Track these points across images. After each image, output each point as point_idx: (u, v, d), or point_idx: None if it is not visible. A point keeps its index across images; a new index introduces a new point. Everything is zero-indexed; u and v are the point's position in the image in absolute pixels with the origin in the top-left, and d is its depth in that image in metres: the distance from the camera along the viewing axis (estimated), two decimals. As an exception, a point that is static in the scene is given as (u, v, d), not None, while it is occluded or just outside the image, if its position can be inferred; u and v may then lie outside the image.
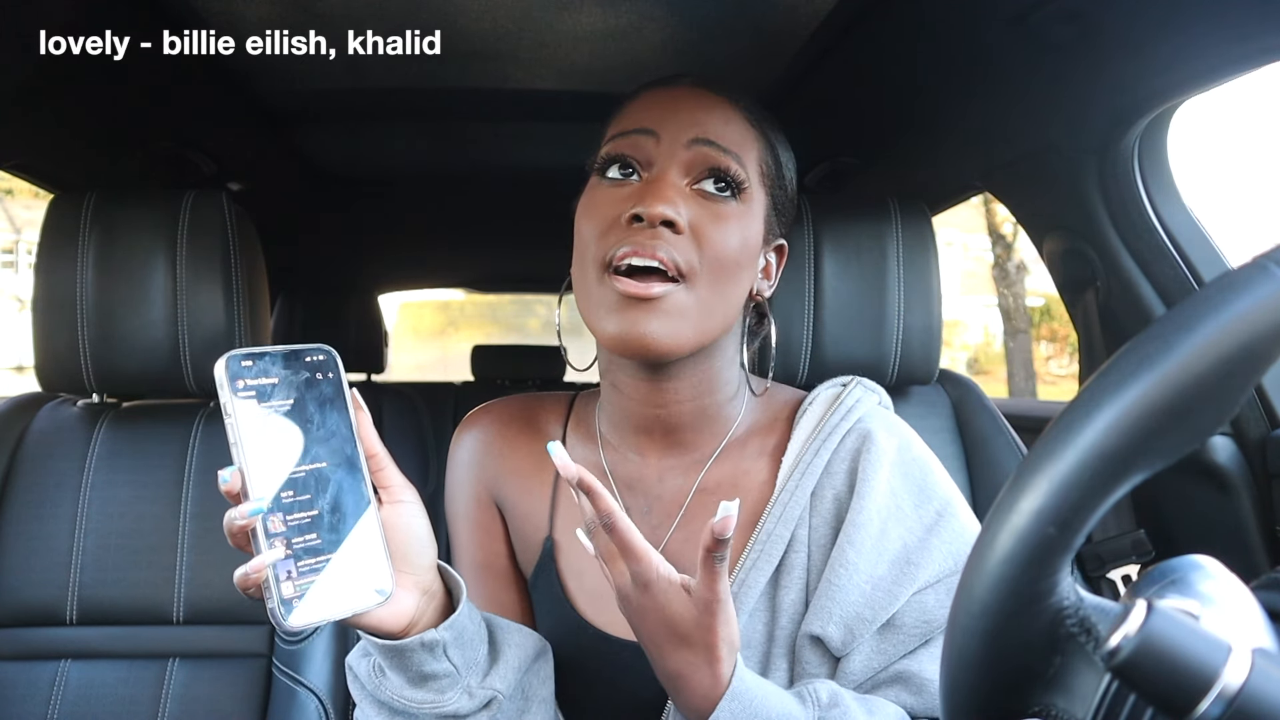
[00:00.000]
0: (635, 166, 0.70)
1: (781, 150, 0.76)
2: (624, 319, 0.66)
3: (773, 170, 0.74)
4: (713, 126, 0.70)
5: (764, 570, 0.72)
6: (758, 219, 0.72)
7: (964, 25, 1.06)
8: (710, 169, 0.69)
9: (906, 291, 1.13)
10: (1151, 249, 1.20)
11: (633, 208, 0.66)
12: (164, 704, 1.06)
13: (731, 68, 1.29)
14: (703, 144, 0.69)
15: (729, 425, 0.79)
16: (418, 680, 0.61)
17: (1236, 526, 1.17)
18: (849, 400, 0.78)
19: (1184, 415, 0.33)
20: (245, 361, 0.53)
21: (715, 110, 0.71)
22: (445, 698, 0.62)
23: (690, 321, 0.67)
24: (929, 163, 1.55)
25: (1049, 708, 0.36)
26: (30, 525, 1.10)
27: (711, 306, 0.69)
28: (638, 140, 0.70)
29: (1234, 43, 0.92)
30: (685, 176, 0.69)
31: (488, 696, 0.64)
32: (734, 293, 0.71)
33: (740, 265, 0.70)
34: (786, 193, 0.77)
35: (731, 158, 0.69)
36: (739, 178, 0.69)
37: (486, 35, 1.17)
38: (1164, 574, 0.39)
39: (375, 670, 0.63)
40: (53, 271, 1.10)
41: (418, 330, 9.03)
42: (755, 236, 0.72)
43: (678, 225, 0.66)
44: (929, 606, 0.69)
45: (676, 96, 0.72)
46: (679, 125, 0.70)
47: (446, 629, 0.60)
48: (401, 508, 0.60)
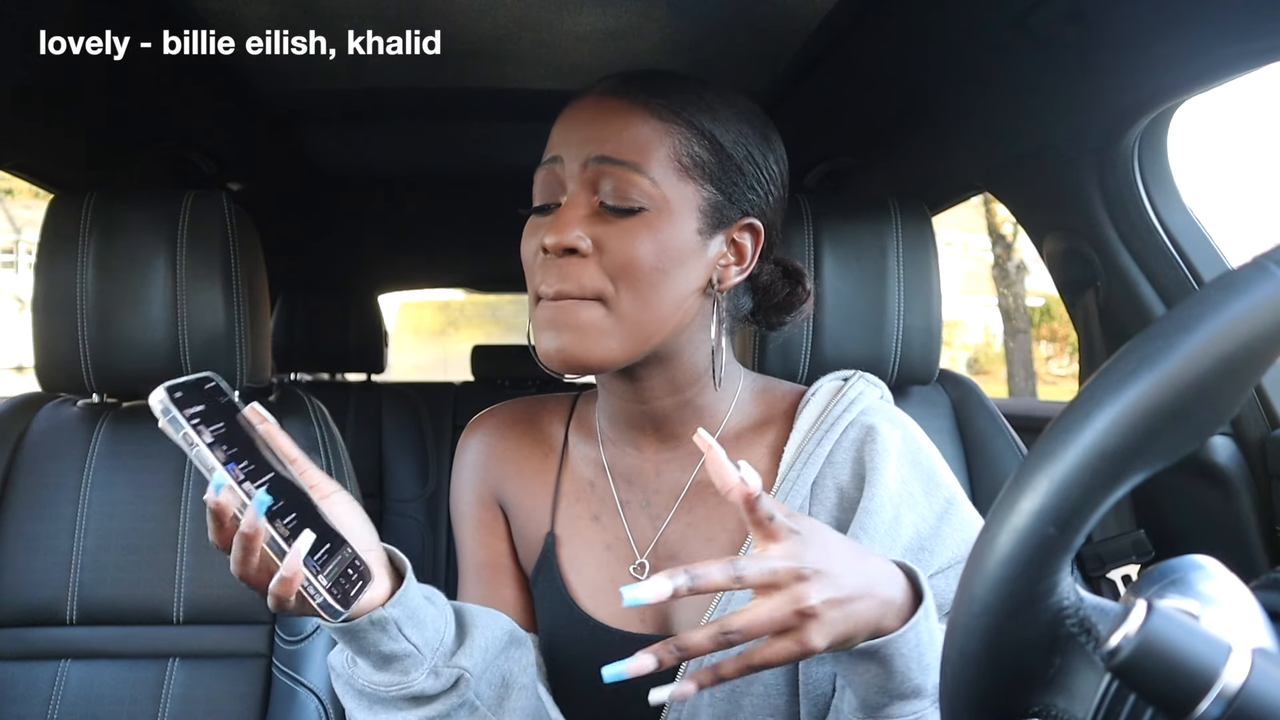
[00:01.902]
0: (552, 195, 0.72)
1: (726, 130, 0.71)
2: (550, 339, 0.69)
3: (704, 157, 0.70)
4: (608, 140, 0.69)
5: None
6: (683, 216, 0.69)
7: (964, 25, 1.06)
8: (610, 187, 0.68)
9: (906, 291, 1.13)
10: (1151, 249, 1.20)
11: (540, 240, 0.69)
12: (164, 704, 1.06)
13: (731, 68, 1.29)
14: (598, 162, 0.68)
15: (721, 417, 0.79)
16: (380, 663, 0.63)
17: (1236, 526, 1.17)
18: (851, 393, 0.79)
19: (1184, 415, 0.33)
20: (177, 393, 0.55)
21: (612, 120, 0.69)
22: (409, 678, 0.63)
23: (616, 336, 0.69)
24: (929, 163, 1.55)
25: (1049, 708, 0.36)
26: (30, 525, 1.10)
27: (638, 318, 0.69)
28: (550, 170, 0.71)
29: (1234, 43, 0.92)
30: (593, 195, 0.69)
31: (455, 675, 0.65)
32: (666, 297, 0.69)
33: (661, 270, 0.68)
34: (742, 171, 0.72)
35: (627, 168, 0.68)
36: (642, 188, 0.68)
37: (486, 35, 1.17)
38: (1164, 574, 0.39)
39: (349, 661, 0.65)
40: (53, 271, 1.10)
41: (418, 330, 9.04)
42: (682, 236, 0.69)
43: (580, 250, 0.68)
44: (939, 591, 0.70)
45: (578, 112, 0.72)
46: (578, 145, 0.70)
47: (394, 605, 0.61)
48: (331, 500, 0.62)
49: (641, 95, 0.70)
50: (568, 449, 0.84)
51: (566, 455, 0.84)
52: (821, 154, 1.62)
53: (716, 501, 0.77)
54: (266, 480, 0.56)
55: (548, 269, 0.69)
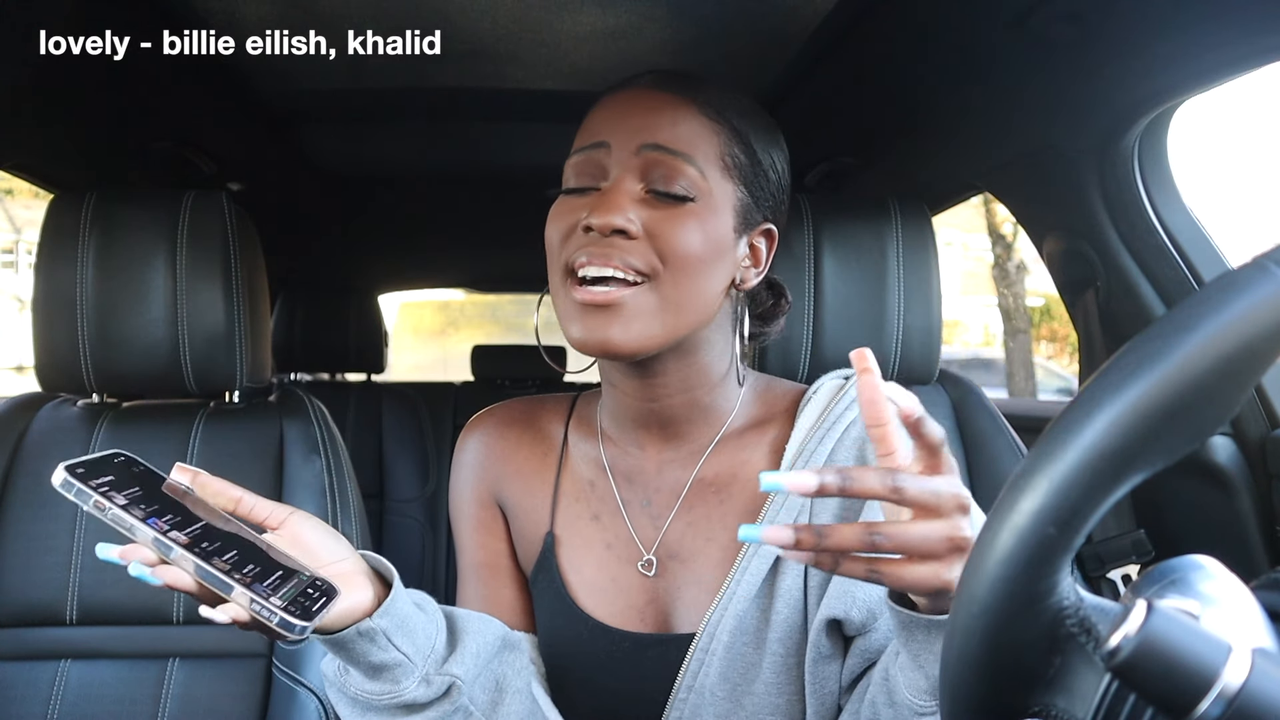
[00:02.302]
0: (593, 179, 0.72)
1: (757, 136, 0.75)
2: (586, 325, 0.69)
3: (741, 160, 0.73)
4: (662, 129, 0.70)
5: (766, 558, 0.73)
6: (723, 212, 0.72)
7: (964, 25, 1.06)
8: (661, 174, 0.70)
9: (906, 291, 1.13)
10: (1151, 249, 1.20)
11: (586, 218, 0.69)
12: (164, 704, 1.06)
13: (731, 68, 1.29)
14: (651, 149, 0.70)
15: (724, 416, 0.79)
16: (371, 672, 0.63)
17: (1236, 526, 1.17)
18: (853, 391, 0.79)
19: (1184, 415, 0.33)
20: (79, 469, 0.54)
21: (665, 111, 0.71)
22: (400, 687, 0.64)
23: (657, 320, 0.69)
24: (929, 163, 1.55)
25: (1049, 708, 0.36)
26: (30, 525, 1.10)
27: (680, 303, 0.70)
28: (592, 155, 0.72)
29: (1234, 43, 0.92)
30: (640, 182, 0.70)
31: (446, 683, 0.65)
32: (705, 288, 0.71)
33: (706, 261, 0.70)
34: (768, 178, 0.76)
35: (681, 159, 0.69)
36: (692, 179, 0.70)
37: (486, 35, 1.17)
38: (1164, 574, 0.39)
39: (340, 669, 0.65)
40: (53, 271, 1.10)
41: (418, 330, 9.04)
42: (722, 230, 0.71)
43: (630, 232, 0.68)
44: None
45: (627, 101, 0.73)
46: (628, 133, 0.71)
47: (381, 616, 0.61)
48: (287, 526, 0.62)
49: (689, 92, 0.73)
50: (567, 448, 0.84)
51: (566, 455, 0.84)
52: (821, 154, 1.62)
53: (717, 500, 0.77)
54: (197, 528, 0.56)
55: (591, 248, 0.68)
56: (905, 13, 1.06)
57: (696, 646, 0.73)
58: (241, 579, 0.53)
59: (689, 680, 0.72)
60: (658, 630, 0.76)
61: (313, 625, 0.53)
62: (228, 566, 0.53)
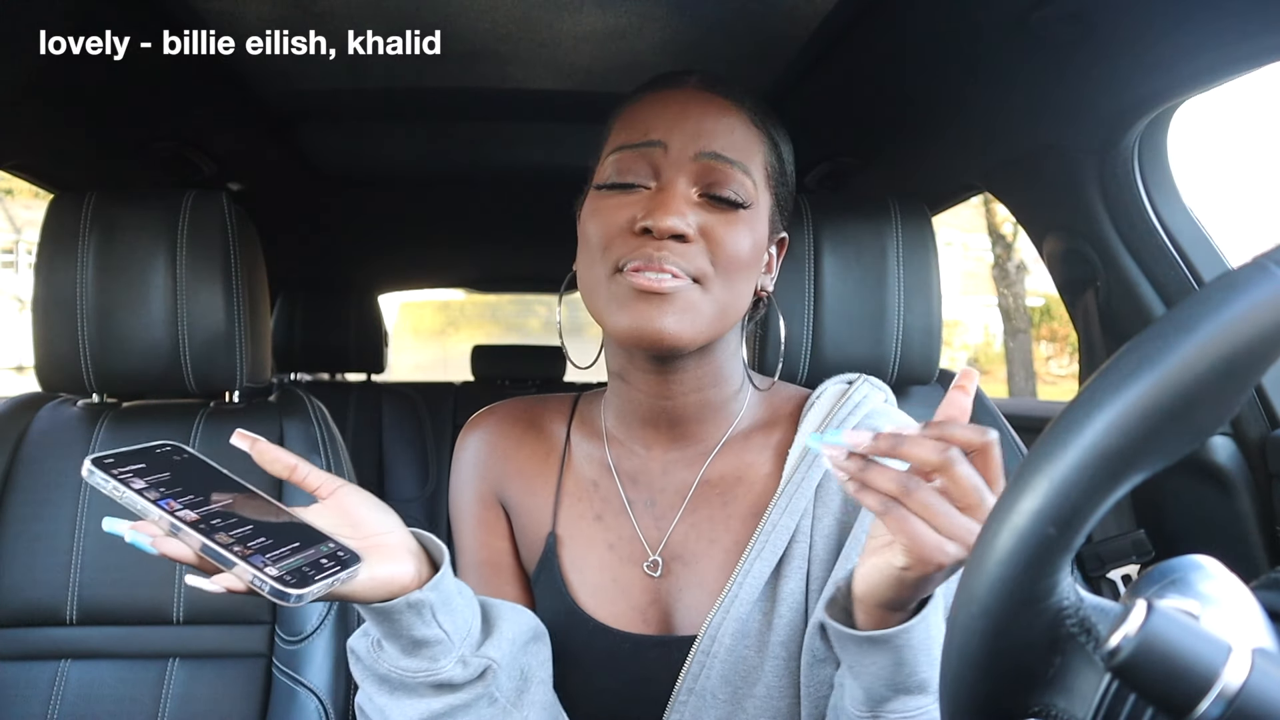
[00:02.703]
0: (642, 177, 0.72)
1: (783, 146, 0.78)
2: (637, 313, 0.68)
3: (776, 170, 0.76)
4: (720, 137, 0.71)
5: (769, 561, 0.73)
6: (764, 219, 0.74)
7: (964, 25, 1.06)
8: (718, 180, 0.70)
9: (906, 291, 1.13)
10: (1151, 249, 1.20)
11: (642, 219, 0.68)
12: (164, 704, 1.06)
13: (731, 67, 1.29)
14: (710, 158, 0.70)
15: (732, 418, 0.80)
16: (410, 648, 0.63)
17: (1236, 526, 1.17)
18: (856, 396, 0.80)
19: (1184, 415, 0.33)
20: (107, 459, 0.58)
21: (722, 118, 0.72)
22: (438, 665, 0.64)
23: (704, 318, 0.70)
24: (929, 163, 1.55)
25: (1049, 708, 0.36)
26: (30, 525, 1.10)
27: (725, 305, 0.71)
28: (646, 152, 0.71)
29: (1234, 42, 0.92)
30: (693, 186, 0.71)
31: (482, 666, 0.65)
32: (745, 290, 0.74)
33: (751, 266, 0.73)
34: (788, 188, 0.79)
35: (738, 169, 0.71)
36: (747, 187, 0.71)
37: (486, 35, 1.17)
38: (1164, 574, 0.39)
39: (374, 645, 0.65)
40: (53, 271, 1.10)
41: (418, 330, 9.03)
42: (763, 236, 0.74)
43: (687, 237, 0.68)
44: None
45: (682, 102, 0.73)
46: (686, 136, 0.71)
47: (431, 589, 0.61)
48: (336, 497, 0.63)
49: (739, 98, 0.74)
50: (570, 448, 0.84)
51: (569, 455, 0.84)
52: (821, 154, 1.62)
53: (721, 502, 0.77)
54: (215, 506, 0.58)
55: (645, 249, 0.68)
56: (905, 13, 1.06)
57: (698, 649, 0.72)
58: (241, 551, 0.55)
59: (690, 682, 0.72)
60: (659, 632, 0.76)
61: (310, 592, 0.54)
62: (230, 540, 0.55)
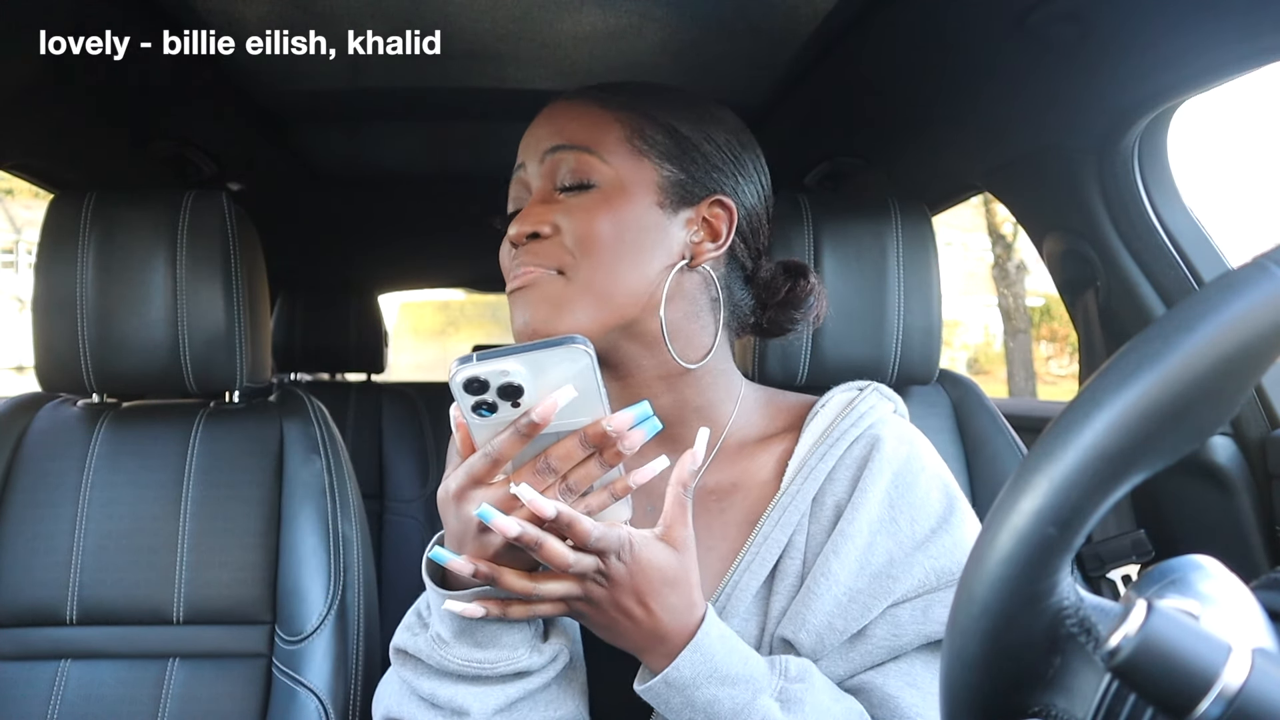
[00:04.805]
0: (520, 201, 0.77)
1: (677, 114, 0.74)
2: (514, 314, 0.73)
3: (657, 138, 0.73)
4: (563, 129, 0.73)
5: (757, 574, 0.71)
6: (637, 191, 0.72)
7: (964, 25, 1.06)
8: (566, 170, 0.72)
9: (906, 291, 1.13)
10: (1151, 249, 1.20)
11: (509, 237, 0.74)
12: (164, 704, 1.06)
13: (731, 68, 1.29)
14: (553, 151, 0.73)
15: (722, 420, 0.78)
16: (486, 640, 0.64)
17: (1236, 526, 1.17)
18: (862, 406, 0.77)
19: (1184, 415, 0.33)
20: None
21: (564, 113, 0.74)
22: (517, 654, 0.64)
23: (580, 305, 0.70)
24: (929, 163, 1.55)
25: (1049, 708, 0.36)
26: (30, 525, 1.10)
27: (601, 286, 0.70)
28: (517, 178, 0.77)
29: (1234, 42, 0.92)
30: (554, 186, 0.73)
31: (555, 651, 0.66)
32: (628, 270, 0.71)
33: (620, 241, 0.70)
34: (701, 150, 0.74)
35: (580, 151, 0.72)
36: (593, 166, 0.72)
37: (486, 35, 1.17)
38: (1164, 574, 0.39)
39: (435, 639, 0.66)
40: (53, 271, 1.10)
41: (418, 330, 9.03)
42: (637, 209, 0.71)
43: (541, 233, 0.71)
44: (902, 621, 0.68)
45: (536, 121, 0.77)
46: (535, 145, 0.75)
47: None
48: None
49: (592, 93, 0.76)
50: None
51: None
52: (821, 154, 1.62)
53: (719, 510, 0.76)
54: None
55: (515, 258, 0.73)
56: (905, 13, 1.06)
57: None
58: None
59: None
60: None
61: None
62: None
